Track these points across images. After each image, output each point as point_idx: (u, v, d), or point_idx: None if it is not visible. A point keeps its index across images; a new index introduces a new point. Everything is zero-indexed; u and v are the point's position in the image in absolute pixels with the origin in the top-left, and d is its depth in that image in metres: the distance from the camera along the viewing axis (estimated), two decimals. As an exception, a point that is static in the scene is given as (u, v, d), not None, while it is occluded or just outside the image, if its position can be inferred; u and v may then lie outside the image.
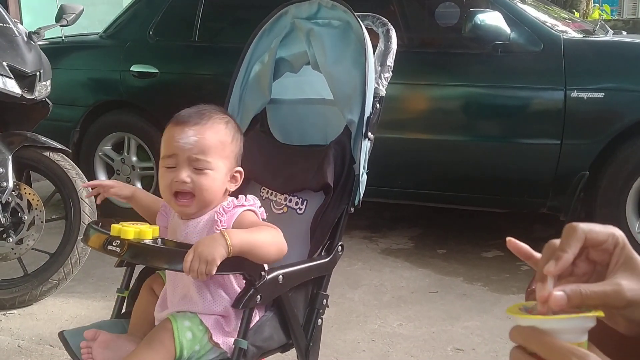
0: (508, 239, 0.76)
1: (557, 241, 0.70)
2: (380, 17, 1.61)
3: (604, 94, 2.94)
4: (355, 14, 1.56)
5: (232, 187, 1.42)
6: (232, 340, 1.33)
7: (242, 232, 1.28)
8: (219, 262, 1.20)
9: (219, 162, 1.37)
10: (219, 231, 1.27)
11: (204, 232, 1.36)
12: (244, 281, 1.34)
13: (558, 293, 0.67)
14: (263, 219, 1.41)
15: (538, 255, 0.74)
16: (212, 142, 1.37)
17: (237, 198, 1.39)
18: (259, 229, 1.32)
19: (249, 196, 1.41)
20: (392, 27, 1.58)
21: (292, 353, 1.55)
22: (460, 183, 3.30)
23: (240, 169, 1.43)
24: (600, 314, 0.67)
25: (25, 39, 2.74)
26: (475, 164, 3.23)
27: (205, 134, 1.36)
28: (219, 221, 1.34)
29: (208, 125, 1.37)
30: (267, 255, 1.31)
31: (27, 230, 2.72)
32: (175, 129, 1.36)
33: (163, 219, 1.48)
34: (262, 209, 1.43)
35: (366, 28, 1.55)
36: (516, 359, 0.68)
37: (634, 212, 3.00)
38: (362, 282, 3.03)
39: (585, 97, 2.95)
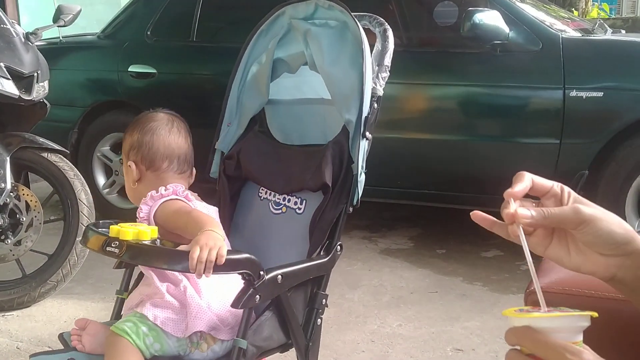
0: (472, 213, 0.80)
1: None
2: (377, 17, 1.61)
3: (603, 93, 2.94)
4: (353, 14, 1.56)
5: (136, 177, 1.56)
6: (173, 317, 1.37)
7: (207, 223, 1.33)
8: (225, 248, 1.24)
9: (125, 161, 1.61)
10: (144, 222, 1.42)
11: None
12: (243, 281, 1.34)
13: (523, 210, 0.72)
14: (194, 200, 1.52)
15: (502, 222, 0.77)
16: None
17: (157, 190, 1.49)
18: (202, 215, 1.41)
19: (169, 186, 1.51)
20: (389, 27, 1.58)
21: (292, 353, 1.54)
22: (460, 183, 3.30)
23: (129, 163, 1.57)
24: (594, 314, 0.67)
25: (23, 39, 2.73)
26: (474, 163, 3.23)
27: None
28: (138, 213, 1.47)
29: None
30: None
31: (26, 232, 2.72)
32: None
33: None
34: (188, 192, 1.53)
35: (363, 28, 1.55)
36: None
37: (634, 211, 3.00)
38: (362, 282, 3.03)
39: (584, 97, 2.95)
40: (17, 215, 2.71)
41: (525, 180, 0.75)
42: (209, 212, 1.52)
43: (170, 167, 1.57)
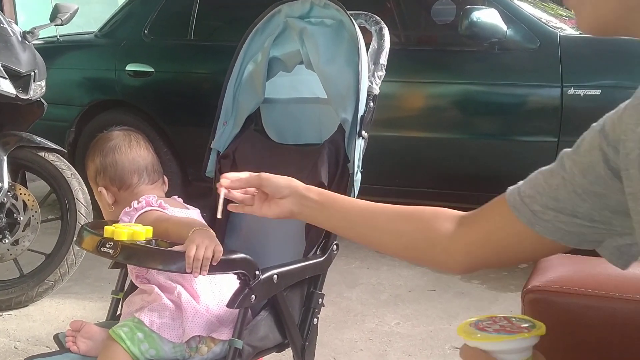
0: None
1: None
2: (373, 15, 1.61)
3: (600, 91, 2.93)
4: (348, 12, 1.55)
5: (110, 201, 1.55)
6: (169, 322, 1.36)
7: (193, 221, 1.36)
8: (220, 244, 1.24)
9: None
10: None
11: None
12: (239, 281, 1.34)
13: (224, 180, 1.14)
14: (170, 207, 1.51)
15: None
16: None
17: (129, 206, 1.47)
18: (182, 218, 1.42)
19: (141, 198, 1.48)
20: (384, 25, 1.57)
21: (288, 353, 1.54)
22: (458, 181, 3.30)
23: (99, 188, 1.55)
24: (542, 332, 0.72)
25: (20, 38, 2.73)
26: (472, 161, 3.23)
27: None
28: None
29: None
30: None
31: (23, 231, 2.72)
32: None
33: None
34: (161, 200, 1.50)
35: (359, 27, 1.55)
36: None
37: (632, 209, 2.99)
38: (360, 281, 3.03)
39: (582, 94, 2.95)
40: (15, 215, 2.70)
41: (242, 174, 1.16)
42: (190, 215, 1.53)
43: (142, 180, 1.56)
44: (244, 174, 1.15)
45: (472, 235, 0.93)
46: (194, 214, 1.54)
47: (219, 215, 1.16)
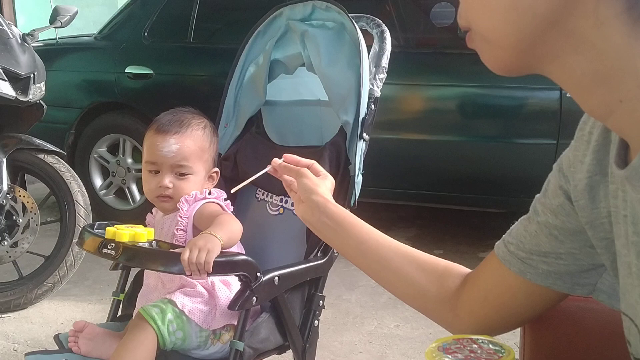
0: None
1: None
2: (375, 18, 1.61)
3: (599, 93, 2.94)
4: (350, 15, 1.56)
5: (210, 186, 1.53)
6: (201, 308, 1.37)
7: (218, 226, 1.33)
8: (218, 251, 1.24)
9: (199, 166, 1.50)
10: (184, 220, 1.41)
11: (174, 222, 1.46)
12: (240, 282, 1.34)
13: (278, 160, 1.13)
14: (232, 211, 1.51)
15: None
16: (192, 149, 1.49)
17: (201, 192, 1.47)
18: (225, 221, 1.39)
19: (213, 190, 1.49)
20: (386, 28, 1.58)
21: (289, 355, 1.54)
22: (457, 183, 3.30)
23: (217, 169, 1.56)
24: (512, 358, 0.71)
25: (19, 40, 2.73)
26: (471, 164, 3.24)
27: (186, 142, 1.48)
28: (180, 209, 1.44)
29: (187, 133, 1.50)
30: (237, 239, 1.41)
31: (22, 233, 2.71)
32: (157, 137, 1.48)
33: (151, 218, 1.57)
34: (228, 201, 1.50)
35: (360, 29, 1.55)
36: None
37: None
38: (359, 283, 3.03)
39: (580, 97, 2.96)
40: (14, 217, 2.70)
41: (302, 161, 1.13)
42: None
43: None
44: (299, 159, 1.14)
45: (473, 294, 0.92)
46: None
47: (233, 190, 1.20)
